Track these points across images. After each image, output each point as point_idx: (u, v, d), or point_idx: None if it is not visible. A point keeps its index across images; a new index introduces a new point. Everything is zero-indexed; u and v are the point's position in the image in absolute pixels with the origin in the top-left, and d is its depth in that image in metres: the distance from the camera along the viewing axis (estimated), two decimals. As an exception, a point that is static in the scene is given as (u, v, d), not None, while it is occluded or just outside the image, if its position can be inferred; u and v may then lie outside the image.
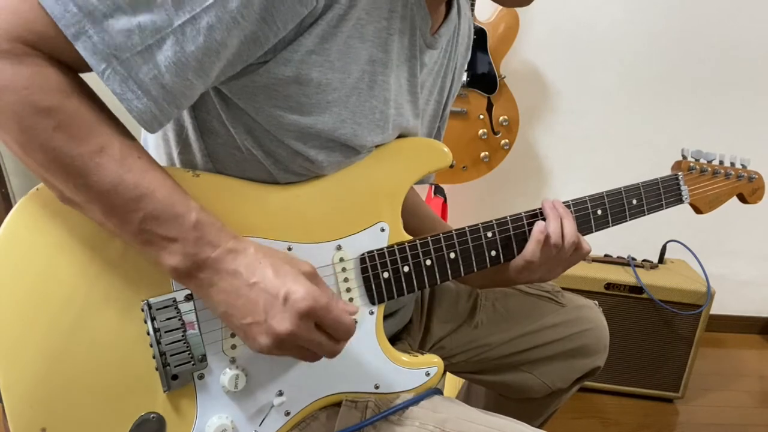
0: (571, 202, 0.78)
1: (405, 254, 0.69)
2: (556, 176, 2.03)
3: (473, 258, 0.72)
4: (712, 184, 0.89)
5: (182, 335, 0.59)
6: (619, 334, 1.61)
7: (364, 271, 0.68)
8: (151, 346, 0.59)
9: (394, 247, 0.69)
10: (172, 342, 0.59)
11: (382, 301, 0.69)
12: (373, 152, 0.68)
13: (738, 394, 1.82)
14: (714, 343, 2.08)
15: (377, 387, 0.70)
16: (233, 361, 0.63)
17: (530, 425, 0.68)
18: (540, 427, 0.89)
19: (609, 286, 1.59)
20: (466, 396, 1.15)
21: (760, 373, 1.95)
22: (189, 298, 0.60)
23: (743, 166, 0.92)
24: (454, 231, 0.71)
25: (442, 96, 0.82)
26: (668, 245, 1.72)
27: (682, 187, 0.86)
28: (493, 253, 0.74)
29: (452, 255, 0.71)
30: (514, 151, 1.76)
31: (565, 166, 2.02)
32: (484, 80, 1.67)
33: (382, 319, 0.70)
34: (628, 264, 1.66)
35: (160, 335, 0.59)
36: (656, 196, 0.84)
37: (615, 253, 1.71)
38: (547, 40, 1.86)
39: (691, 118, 1.94)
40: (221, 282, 0.55)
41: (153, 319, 0.59)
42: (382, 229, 0.69)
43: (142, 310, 0.59)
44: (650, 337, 1.63)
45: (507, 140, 1.74)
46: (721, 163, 0.91)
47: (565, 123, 1.96)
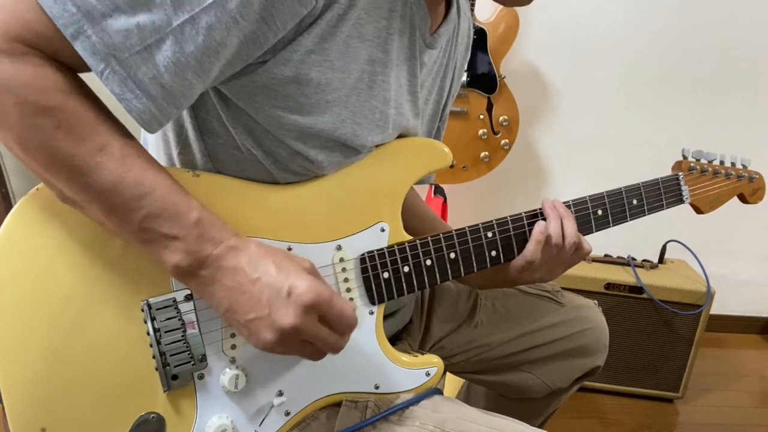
0: (572, 202, 0.77)
1: (405, 254, 0.69)
2: (556, 176, 2.03)
3: (473, 258, 0.72)
4: (712, 184, 0.89)
5: (182, 335, 0.59)
6: (619, 334, 1.61)
7: (364, 271, 0.68)
8: (151, 346, 0.59)
9: (394, 247, 0.69)
10: (172, 342, 0.59)
11: (382, 301, 0.69)
12: (374, 152, 0.68)
13: (738, 394, 1.82)
14: (714, 343, 2.08)
15: (377, 387, 0.70)
16: (233, 361, 0.63)
17: (530, 425, 0.68)
18: (540, 426, 0.89)
19: (609, 286, 1.59)
20: (466, 396, 1.15)
21: (760, 373, 1.95)
22: (189, 298, 0.60)
23: (744, 167, 0.92)
24: (454, 231, 0.71)
25: (442, 96, 0.82)
26: (668, 245, 1.72)
27: (683, 188, 0.86)
28: (494, 253, 0.74)
29: (452, 255, 0.71)
30: (514, 151, 1.76)
31: (565, 166, 2.02)
32: (484, 80, 1.67)
33: (382, 319, 0.70)
34: (628, 264, 1.66)
35: (160, 335, 0.59)
36: (657, 196, 0.84)
37: (615, 253, 1.71)
38: (547, 40, 1.86)
39: (691, 118, 1.94)
40: (223, 279, 0.55)
41: (153, 319, 0.59)
42: (382, 229, 0.69)
43: (142, 311, 0.59)
44: (650, 337, 1.63)
45: (507, 140, 1.74)
46: (722, 163, 0.91)
47: (565, 123, 1.96)
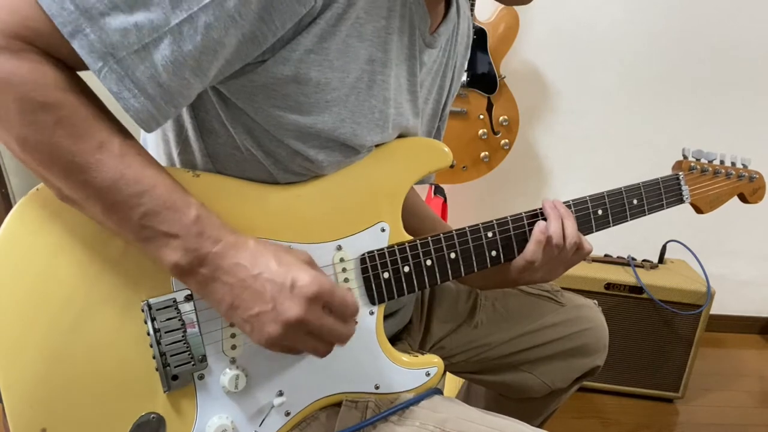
0: (572, 202, 0.77)
1: (405, 254, 0.69)
2: (556, 176, 2.03)
3: (474, 258, 0.72)
4: (712, 183, 0.89)
5: (182, 335, 0.59)
6: (619, 334, 1.61)
7: (364, 271, 0.68)
8: (151, 346, 0.59)
9: (395, 247, 0.69)
10: (173, 342, 0.59)
11: (382, 301, 0.69)
12: (374, 152, 0.68)
13: (738, 394, 1.82)
14: (714, 343, 2.08)
15: (377, 387, 0.70)
16: (233, 361, 0.63)
17: (530, 425, 0.68)
18: (540, 426, 0.89)
19: (609, 286, 1.59)
20: (466, 396, 1.15)
21: (760, 373, 1.95)
22: (189, 298, 0.60)
23: (744, 166, 0.92)
24: (454, 231, 0.71)
25: (441, 95, 0.82)
26: (668, 245, 1.72)
27: (683, 187, 0.86)
28: (494, 253, 0.73)
29: (452, 255, 0.71)
30: (514, 151, 1.76)
31: (565, 166, 2.02)
32: (484, 80, 1.67)
33: (383, 320, 0.70)
34: (628, 264, 1.65)
35: (161, 336, 0.59)
36: (657, 195, 0.84)
37: (615, 253, 1.71)
38: (547, 40, 1.86)
39: (691, 118, 1.94)
40: (224, 276, 0.55)
41: (153, 319, 0.59)
42: (383, 229, 0.69)
43: (142, 311, 0.59)
44: (650, 337, 1.63)
45: (507, 140, 1.73)
46: (722, 162, 0.91)
47: (565, 123, 1.96)
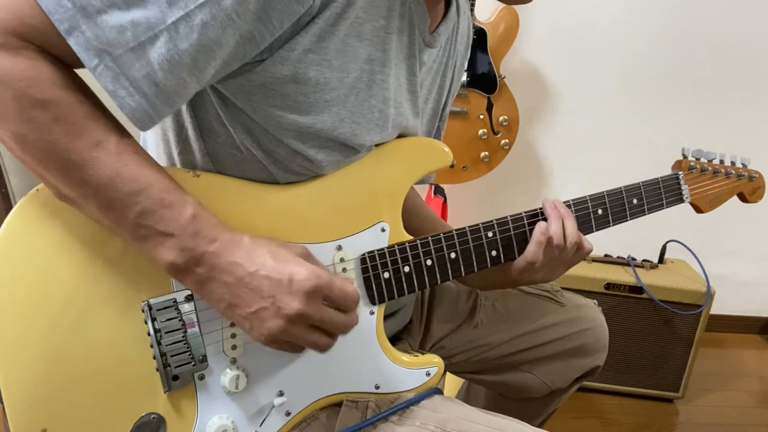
0: (572, 202, 0.77)
1: (405, 254, 0.69)
2: (556, 176, 2.03)
3: (474, 258, 0.72)
4: (712, 183, 0.89)
5: (183, 336, 0.59)
6: (619, 334, 1.61)
7: (364, 271, 0.68)
8: (152, 346, 0.59)
9: (395, 247, 0.69)
10: (173, 343, 0.59)
11: (382, 301, 0.69)
12: (374, 152, 0.68)
13: (738, 394, 1.82)
14: (714, 343, 2.08)
15: (378, 387, 0.70)
16: (234, 361, 0.63)
17: (530, 425, 0.68)
18: (540, 426, 0.89)
19: (609, 286, 1.59)
20: (466, 396, 1.15)
21: (760, 373, 1.95)
22: (189, 298, 0.60)
23: (743, 166, 0.92)
24: (454, 231, 0.71)
25: (441, 95, 0.82)
26: (668, 245, 1.72)
27: (683, 187, 0.86)
28: (494, 253, 0.73)
29: (453, 255, 0.71)
30: (514, 151, 1.76)
31: (565, 166, 2.02)
32: (484, 80, 1.67)
33: (383, 319, 0.70)
34: (628, 264, 1.65)
35: (161, 336, 0.59)
36: (657, 195, 0.84)
37: (615, 253, 1.71)
38: (547, 40, 1.86)
39: (691, 118, 1.94)
40: (221, 276, 0.54)
41: (153, 319, 0.59)
42: (383, 229, 0.69)
43: (143, 311, 0.59)
44: (650, 337, 1.63)
45: (507, 140, 1.74)
46: (722, 162, 0.91)
47: (565, 123, 1.96)
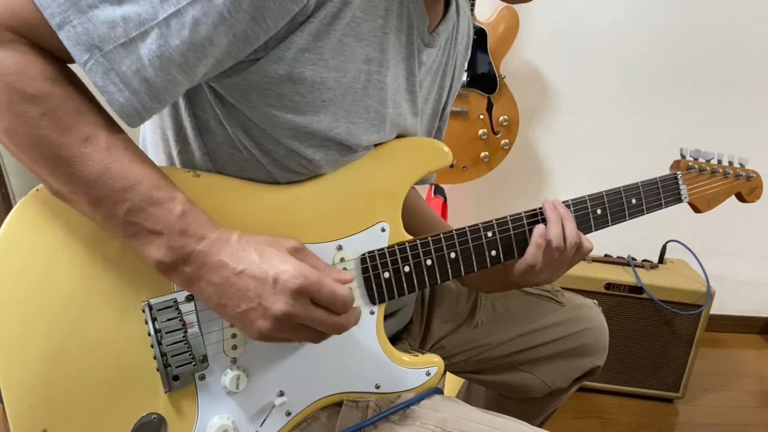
0: (571, 202, 0.77)
1: (405, 254, 0.69)
2: (556, 176, 2.03)
3: (473, 258, 0.72)
4: (710, 183, 0.89)
5: (183, 336, 0.59)
6: (619, 334, 1.61)
7: (364, 271, 0.68)
8: (152, 346, 0.59)
9: (395, 247, 0.69)
10: (174, 343, 0.59)
11: (382, 301, 0.69)
12: (374, 152, 0.68)
13: (738, 394, 1.82)
14: (714, 343, 2.08)
15: (378, 387, 0.70)
16: (234, 361, 0.63)
17: (530, 425, 0.68)
18: (540, 426, 0.89)
19: (609, 286, 1.59)
20: (466, 396, 1.15)
21: (760, 373, 1.95)
22: (190, 298, 0.60)
23: (741, 165, 0.92)
24: (454, 231, 0.71)
25: (441, 95, 0.82)
26: (668, 245, 1.72)
27: (681, 186, 0.86)
28: (494, 253, 0.74)
29: (453, 255, 0.71)
30: (514, 151, 1.76)
31: (565, 166, 2.02)
32: (484, 80, 1.67)
33: (383, 319, 0.70)
34: (628, 264, 1.66)
35: (161, 336, 0.59)
36: (655, 195, 0.84)
37: (615, 253, 1.71)
38: (547, 40, 1.86)
39: (691, 118, 1.94)
40: (209, 275, 0.54)
41: (154, 320, 0.59)
42: (383, 229, 0.69)
43: (143, 311, 0.59)
44: (650, 337, 1.63)
45: (507, 140, 1.74)
46: (720, 162, 0.91)
47: (565, 123, 1.96)
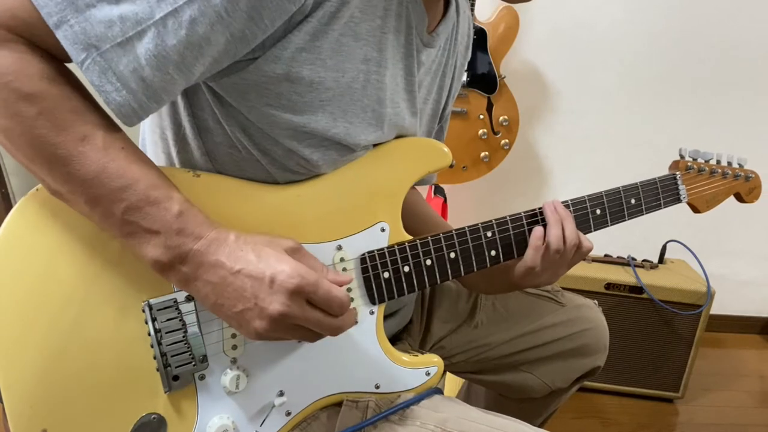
0: (570, 202, 0.77)
1: (405, 254, 0.69)
2: (556, 176, 2.03)
3: (473, 258, 0.72)
4: (709, 183, 0.89)
5: (183, 336, 0.59)
6: (619, 334, 1.61)
7: (364, 271, 0.68)
8: (152, 346, 0.59)
9: (395, 247, 0.69)
10: (173, 343, 0.59)
11: (382, 301, 0.69)
12: (373, 152, 0.68)
13: (738, 394, 1.82)
14: (714, 343, 2.08)
15: (378, 387, 0.70)
16: (234, 361, 0.63)
17: (530, 425, 0.68)
18: (540, 426, 0.89)
19: (609, 286, 1.59)
20: (466, 396, 1.15)
21: (760, 373, 1.95)
22: (190, 298, 0.60)
23: (740, 166, 0.92)
24: (454, 231, 0.71)
25: (441, 95, 0.82)
26: (668, 245, 1.72)
27: (680, 187, 0.86)
28: (493, 253, 0.74)
29: (452, 255, 0.71)
30: (514, 151, 1.76)
31: (565, 166, 2.02)
32: (484, 80, 1.67)
33: (383, 319, 0.70)
34: (628, 264, 1.66)
35: (161, 336, 0.59)
36: (654, 195, 0.84)
37: (615, 253, 1.71)
38: (547, 40, 1.86)
39: (691, 118, 1.94)
40: (206, 275, 0.54)
41: (154, 319, 0.59)
42: (383, 229, 0.69)
43: (143, 311, 0.59)
44: (650, 337, 1.63)
45: (507, 140, 1.74)
46: (718, 162, 0.91)
47: (565, 123, 1.96)
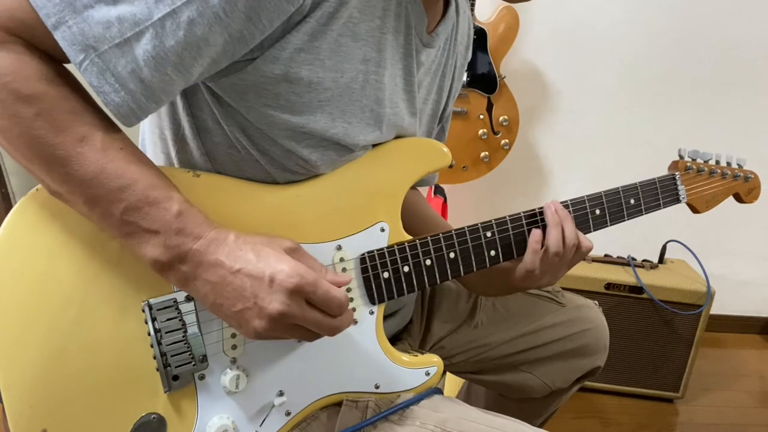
0: (570, 202, 0.77)
1: (405, 254, 0.69)
2: (556, 176, 2.03)
3: (473, 258, 0.72)
4: (708, 183, 0.89)
5: (183, 336, 0.59)
6: (619, 334, 1.61)
7: (364, 271, 0.68)
8: (152, 346, 0.59)
9: (394, 247, 0.69)
10: (173, 342, 0.59)
11: (382, 301, 0.69)
12: (373, 152, 0.68)
13: (738, 394, 1.82)
14: (714, 343, 2.08)
15: (377, 387, 0.70)
16: (234, 361, 0.63)
17: (530, 425, 0.68)
18: (540, 426, 0.89)
19: (609, 286, 1.59)
20: (466, 396, 1.15)
21: (760, 373, 1.95)
22: (190, 298, 0.60)
23: (739, 166, 0.92)
24: (453, 231, 0.71)
25: (441, 96, 0.82)
26: (668, 245, 1.72)
27: (680, 187, 0.86)
28: (493, 253, 0.74)
29: (452, 255, 0.71)
30: (514, 151, 1.76)
31: (565, 166, 2.02)
32: (484, 80, 1.67)
33: (383, 319, 0.70)
34: (628, 264, 1.66)
35: (161, 336, 0.59)
36: (654, 195, 0.84)
37: (615, 253, 1.71)
38: (547, 40, 1.86)
39: (691, 118, 1.94)
40: (205, 274, 0.54)
41: (154, 319, 0.59)
42: (382, 229, 0.69)
43: (143, 311, 0.59)
44: (650, 337, 1.63)
45: (507, 140, 1.74)
46: (718, 162, 0.91)
47: (565, 123, 1.96)
